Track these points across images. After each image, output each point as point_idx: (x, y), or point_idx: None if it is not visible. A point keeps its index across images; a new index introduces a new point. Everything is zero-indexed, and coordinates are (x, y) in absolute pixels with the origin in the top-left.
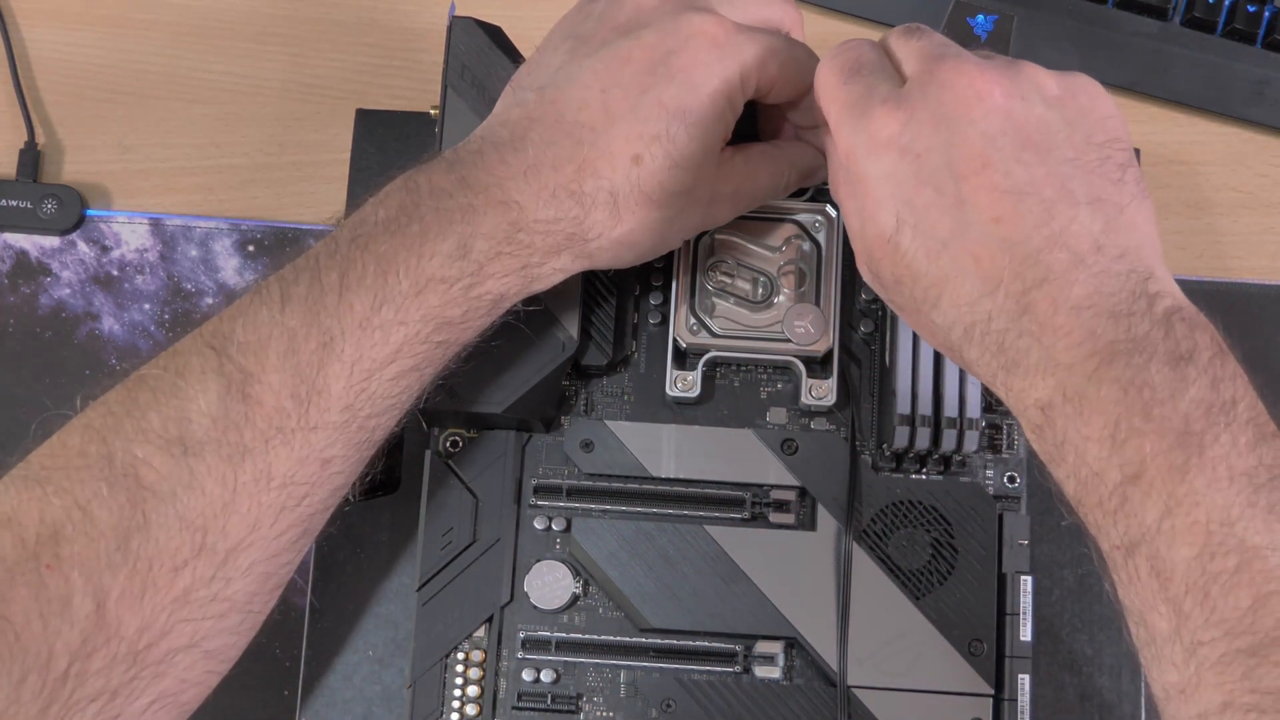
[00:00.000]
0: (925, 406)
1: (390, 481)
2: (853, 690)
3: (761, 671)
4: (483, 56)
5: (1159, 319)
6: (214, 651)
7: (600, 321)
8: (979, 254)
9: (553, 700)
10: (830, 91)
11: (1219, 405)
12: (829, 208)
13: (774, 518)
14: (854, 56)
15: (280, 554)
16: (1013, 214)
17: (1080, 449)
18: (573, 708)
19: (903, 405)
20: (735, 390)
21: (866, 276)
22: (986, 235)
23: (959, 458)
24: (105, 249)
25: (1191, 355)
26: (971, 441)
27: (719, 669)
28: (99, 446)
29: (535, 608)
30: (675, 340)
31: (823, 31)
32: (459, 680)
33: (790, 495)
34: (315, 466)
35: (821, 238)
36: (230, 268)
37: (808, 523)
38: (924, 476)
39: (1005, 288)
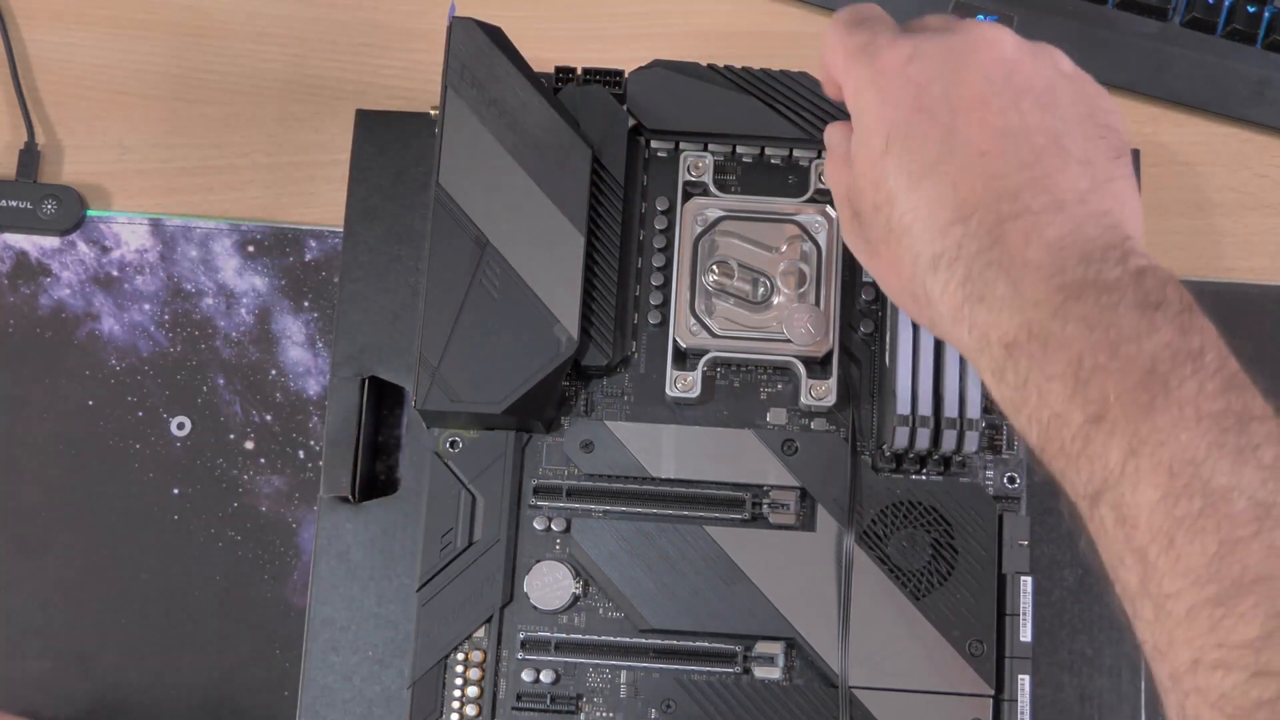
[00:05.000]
0: (925, 407)
1: (390, 481)
2: (853, 690)
3: (761, 672)
4: (483, 57)
5: (1131, 271)
6: None
7: (600, 321)
8: (958, 180)
9: (552, 701)
10: (838, 43)
11: (1186, 351)
12: (829, 208)
13: (774, 518)
14: (858, 12)
15: None
16: (999, 150)
17: (1043, 390)
18: (572, 708)
19: (903, 406)
20: (735, 391)
21: (845, 215)
22: (970, 164)
23: (959, 458)
24: (105, 249)
25: (1160, 304)
26: (971, 442)
27: (719, 669)
28: None
29: (535, 608)
30: (675, 340)
31: (822, 31)
32: (459, 681)
33: (790, 496)
34: None
35: (821, 238)
36: (230, 268)
37: (808, 523)
38: (924, 477)
39: (979, 216)
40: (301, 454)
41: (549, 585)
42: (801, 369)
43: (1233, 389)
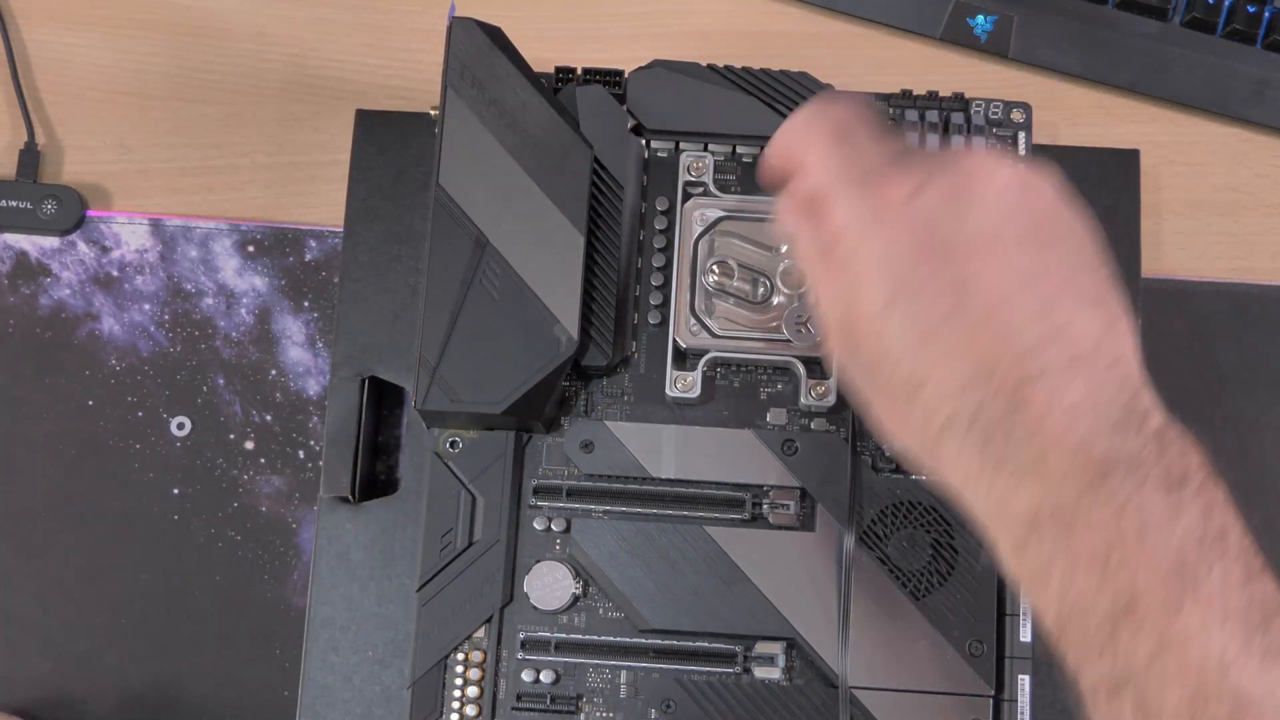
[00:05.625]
0: None
1: (390, 481)
2: (853, 690)
3: (761, 672)
4: (483, 57)
5: (1151, 437)
6: None
7: (600, 321)
8: (974, 337)
9: (552, 701)
10: (824, 152)
11: (1211, 536)
12: None
13: (774, 518)
14: (840, 117)
15: None
16: (1014, 300)
17: (1067, 574)
18: (572, 708)
19: None
20: (735, 391)
21: (832, 361)
22: (985, 319)
23: None
24: (105, 249)
25: (1184, 479)
26: None
27: (719, 669)
28: None
29: (535, 608)
30: (675, 340)
31: (822, 31)
32: (459, 681)
33: (790, 496)
34: None
35: None
36: (230, 268)
37: (808, 523)
38: (924, 477)
39: (999, 378)
40: (301, 454)
41: (549, 585)
42: (801, 369)
43: (1254, 579)
